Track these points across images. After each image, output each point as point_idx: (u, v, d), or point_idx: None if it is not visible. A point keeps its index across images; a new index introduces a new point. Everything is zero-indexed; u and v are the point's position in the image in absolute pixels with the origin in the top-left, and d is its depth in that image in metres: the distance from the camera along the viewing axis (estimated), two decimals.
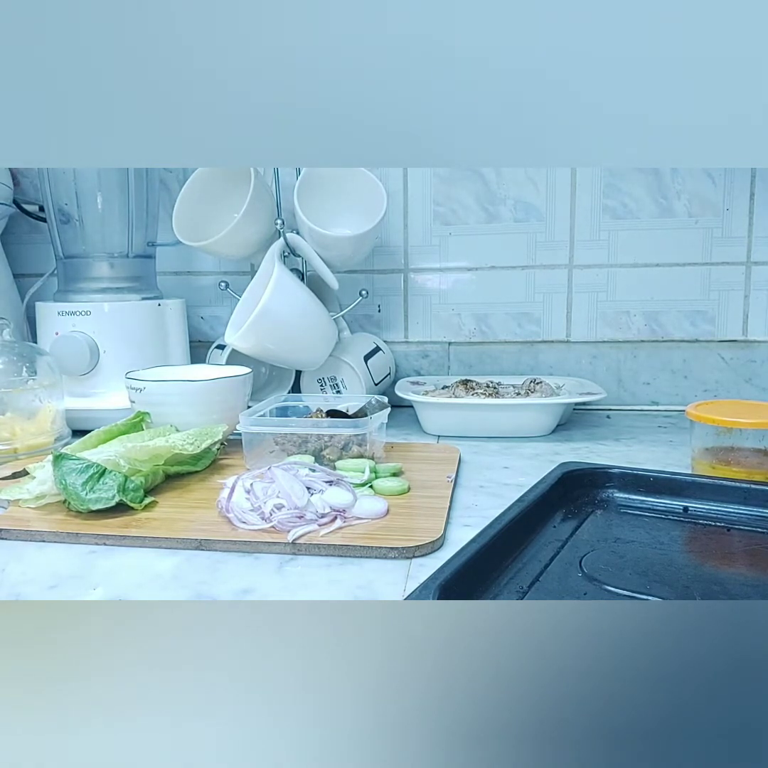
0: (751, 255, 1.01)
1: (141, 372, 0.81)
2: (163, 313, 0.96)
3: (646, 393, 1.05)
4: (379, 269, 1.08)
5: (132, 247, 0.96)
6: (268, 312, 0.82)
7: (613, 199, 1.02)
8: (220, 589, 0.47)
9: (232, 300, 0.95)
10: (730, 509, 0.57)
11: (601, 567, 0.48)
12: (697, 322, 1.04)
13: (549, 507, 0.57)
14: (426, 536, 0.53)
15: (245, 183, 0.88)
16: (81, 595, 0.47)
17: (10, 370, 0.79)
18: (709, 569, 0.49)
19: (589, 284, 1.05)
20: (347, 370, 0.95)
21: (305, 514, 0.55)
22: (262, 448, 0.72)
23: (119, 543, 0.54)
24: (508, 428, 0.86)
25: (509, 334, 1.07)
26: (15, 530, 0.56)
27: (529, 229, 1.05)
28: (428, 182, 1.05)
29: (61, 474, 0.58)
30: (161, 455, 0.65)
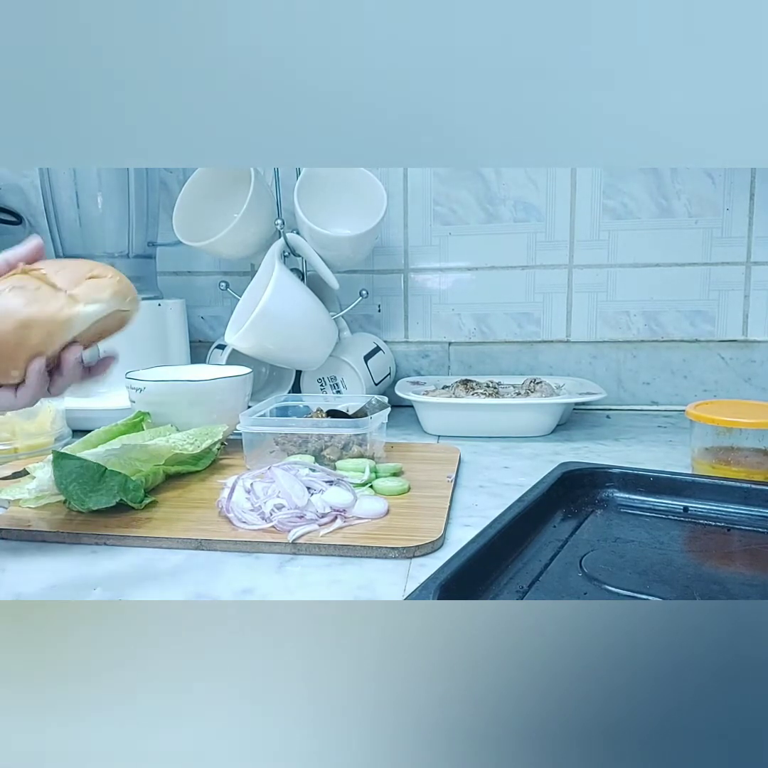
0: (751, 255, 1.01)
1: (141, 372, 0.81)
2: (163, 313, 0.96)
3: (645, 393, 1.05)
4: (379, 269, 1.08)
5: (132, 247, 0.96)
6: (268, 312, 0.82)
7: (613, 199, 1.02)
8: (220, 589, 0.47)
9: (232, 300, 0.95)
10: (730, 509, 0.57)
11: (601, 567, 0.48)
12: (697, 322, 1.04)
13: (549, 507, 0.57)
14: (426, 536, 0.53)
15: (245, 183, 0.89)
16: (81, 595, 0.47)
17: None
18: (709, 569, 0.49)
19: (589, 284, 1.05)
20: (347, 370, 0.95)
21: (305, 514, 0.55)
22: (263, 448, 0.72)
23: (119, 543, 0.54)
24: (508, 428, 0.86)
25: (509, 334, 1.07)
26: (15, 530, 0.56)
27: (529, 229, 1.05)
28: (428, 182, 1.05)
29: (61, 474, 0.58)
30: (161, 455, 0.65)
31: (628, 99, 0.34)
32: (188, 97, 0.35)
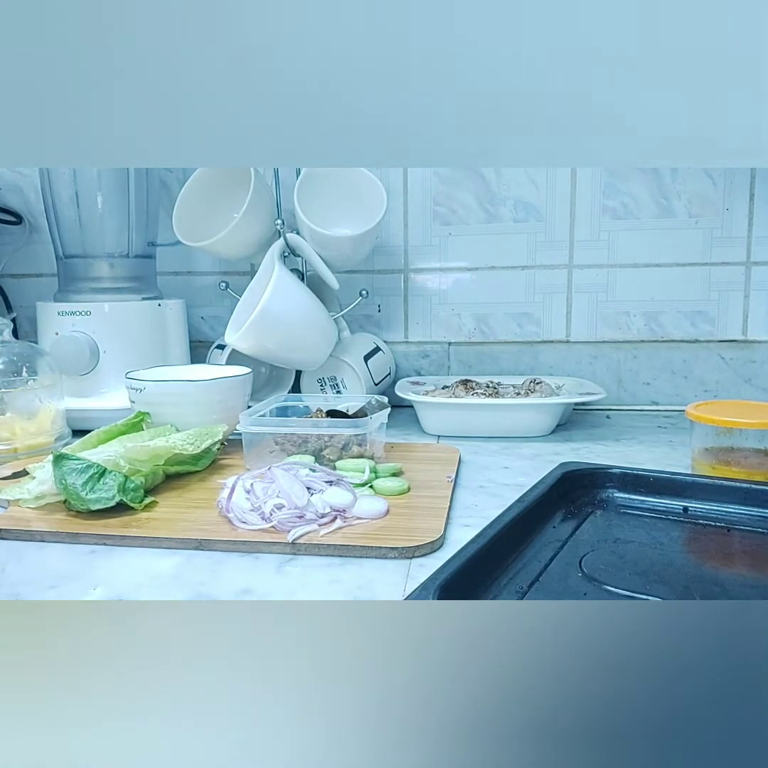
0: (751, 255, 1.01)
1: (141, 372, 0.81)
2: (163, 313, 0.96)
3: (646, 393, 1.05)
4: (379, 269, 1.08)
5: (132, 247, 0.96)
6: (268, 312, 0.82)
7: (613, 199, 1.02)
8: (220, 589, 0.47)
9: (232, 300, 0.95)
10: (730, 509, 0.57)
11: (601, 567, 0.48)
12: (697, 322, 1.04)
13: (549, 507, 0.57)
14: (426, 536, 0.53)
15: (245, 183, 0.88)
16: (81, 595, 0.47)
17: (10, 370, 0.79)
18: (709, 569, 0.49)
19: (589, 284, 1.05)
20: (347, 370, 0.95)
21: (305, 514, 0.55)
22: (262, 448, 0.72)
23: (119, 543, 0.54)
24: (508, 428, 0.86)
25: (509, 334, 1.07)
26: (15, 530, 0.56)
27: (529, 229, 1.05)
28: (428, 182, 1.05)
29: (61, 474, 0.58)
30: (161, 455, 0.65)
31: (629, 99, 0.34)
32: (188, 97, 0.35)
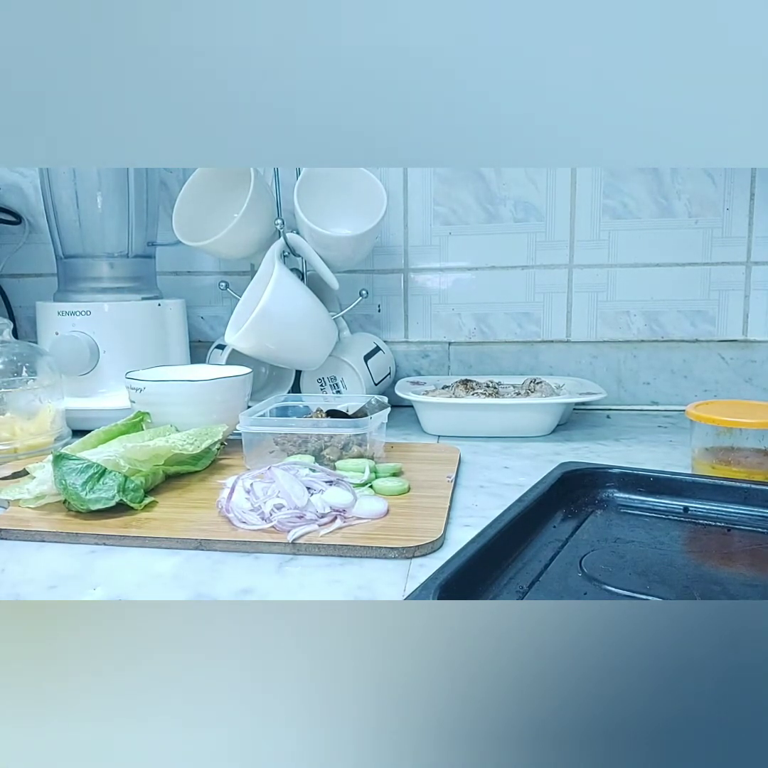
0: (751, 255, 1.01)
1: (141, 372, 0.81)
2: (163, 313, 0.96)
3: (646, 393, 1.05)
4: (379, 269, 1.08)
5: (132, 247, 0.96)
6: (268, 312, 0.82)
7: (613, 199, 1.02)
8: (220, 589, 0.47)
9: (232, 300, 0.95)
10: (730, 509, 0.57)
11: (601, 567, 0.48)
12: (697, 322, 1.04)
13: (549, 507, 0.57)
14: (426, 536, 0.53)
15: (245, 183, 0.88)
16: (81, 595, 0.47)
17: (10, 370, 0.79)
18: (709, 569, 0.49)
19: (589, 284, 1.05)
20: (347, 370, 0.95)
21: (305, 514, 0.55)
22: (262, 448, 0.72)
23: (119, 543, 0.54)
24: (508, 428, 0.86)
25: (509, 334, 1.07)
26: (15, 530, 0.56)
27: (529, 229, 1.05)
28: (428, 182, 1.05)
29: (61, 474, 0.58)
30: (161, 455, 0.65)
31: (629, 99, 0.34)
32: (188, 96, 0.35)
